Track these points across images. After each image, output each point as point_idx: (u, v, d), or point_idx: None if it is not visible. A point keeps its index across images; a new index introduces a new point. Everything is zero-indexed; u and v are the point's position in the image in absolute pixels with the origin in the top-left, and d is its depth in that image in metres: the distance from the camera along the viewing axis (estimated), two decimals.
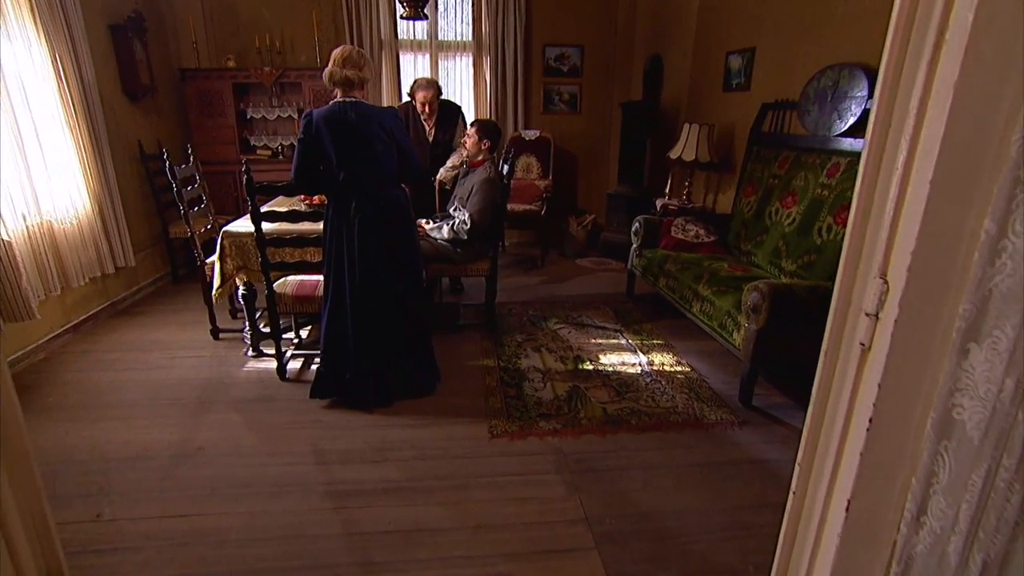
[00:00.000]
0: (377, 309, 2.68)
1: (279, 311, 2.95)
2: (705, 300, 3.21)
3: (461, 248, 3.40)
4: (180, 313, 3.98)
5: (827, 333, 1.02)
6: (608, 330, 3.79)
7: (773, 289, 2.59)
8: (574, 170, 6.07)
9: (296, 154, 2.52)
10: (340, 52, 2.48)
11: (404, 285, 2.74)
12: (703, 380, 3.10)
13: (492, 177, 3.39)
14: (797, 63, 3.67)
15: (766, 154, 3.89)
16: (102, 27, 4.02)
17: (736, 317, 2.89)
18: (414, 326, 2.83)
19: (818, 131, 3.37)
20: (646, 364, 3.30)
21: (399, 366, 2.83)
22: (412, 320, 2.81)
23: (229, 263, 3.05)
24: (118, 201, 3.94)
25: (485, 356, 3.37)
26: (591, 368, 3.24)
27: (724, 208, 4.58)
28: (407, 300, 2.76)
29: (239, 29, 5.21)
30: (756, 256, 3.62)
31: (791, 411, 2.78)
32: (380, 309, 2.68)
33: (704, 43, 4.86)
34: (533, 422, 2.68)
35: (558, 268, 5.25)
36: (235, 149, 5.21)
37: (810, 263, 3.10)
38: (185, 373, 3.11)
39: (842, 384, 0.99)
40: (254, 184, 2.62)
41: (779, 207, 3.53)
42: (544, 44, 5.62)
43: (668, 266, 3.75)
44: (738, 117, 4.41)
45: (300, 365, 3.22)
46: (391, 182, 2.64)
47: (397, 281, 2.71)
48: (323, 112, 2.46)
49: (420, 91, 3.94)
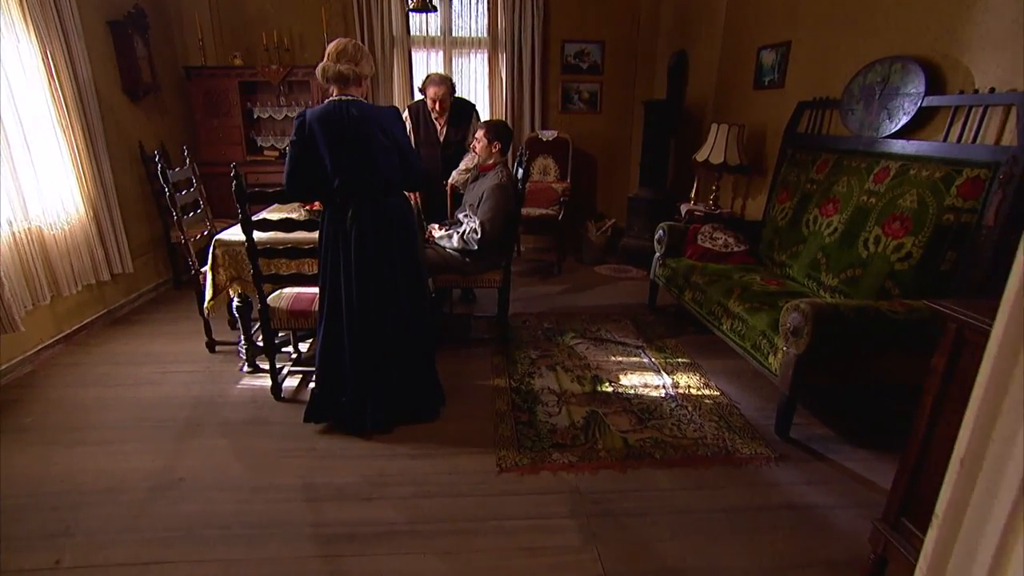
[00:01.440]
0: (376, 327, 2.45)
1: (274, 326, 2.73)
2: (736, 318, 2.93)
3: (471, 258, 3.16)
4: (178, 322, 3.80)
5: (986, 372, 0.69)
6: (629, 346, 3.52)
7: (817, 310, 2.30)
8: (593, 172, 5.80)
9: (288, 158, 2.29)
10: (335, 45, 2.25)
11: (406, 301, 2.50)
12: (733, 406, 2.82)
13: (504, 182, 3.15)
14: (839, 58, 3.37)
15: (802, 157, 3.59)
16: (100, 23, 3.86)
17: (772, 339, 2.60)
18: (417, 346, 2.60)
19: (863, 132, 3.06)
20: (670, 386, 3.03)
21: (400, 389, 2.60)
22: (415, 339, 2.58)
23: (222, 273, 2.85)
24: (115, 205, 3.77)
25: (496, 374, 3.12)
26: (610, 390, 2.98)
27: (754, 214, 4.28)
28: (409, 317, 2.53)
29: (246, 26, 5.04)
30: (792, 268, 3.32)
31: (834, 445, 2.50)
32: (380, 327, 2.46)
33: (733, 38, 4.56)
34: (546, 453, 2.43)
35: (576, 276, 4.98)
36: (241, 149, 5.03)
37: (854, 278, 2.81)
38: (175, 390, 2.92)
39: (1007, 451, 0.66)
40: (244, 190, 2.40)
41: (818, 215, 3.23)
42: (563, 40, 5.36)
43: (694, 278, 3.47)
44: (770, 117, 4.11)
45: (297, 383, 3.01)
46: (392, 188, 2.41)
47: (398, 296, 2.48)
48: (317, 112, 2.24)
49: (431, 87, 3.71)
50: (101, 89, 3.78)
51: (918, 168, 2.66)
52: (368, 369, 2.50)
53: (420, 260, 2.57)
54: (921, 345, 2.35)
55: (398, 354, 2.54)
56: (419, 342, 2.59)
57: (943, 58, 2.65)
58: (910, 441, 1.57)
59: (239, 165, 4.97)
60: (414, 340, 2.57)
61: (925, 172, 2.60)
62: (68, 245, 3.35)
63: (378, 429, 2.53)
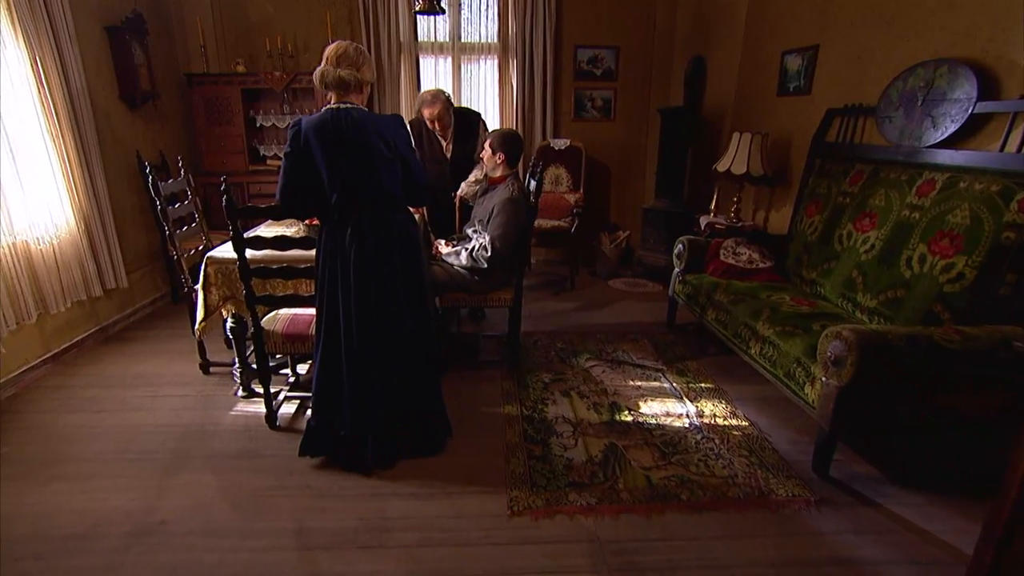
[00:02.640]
0: (377, 354, 2.25)
1: (268, 351, 2.54)
2: (767, 342, 2.71)
3: (480, 276, 2.96)
4: (173, 340, 3.62)
5: None
6: (648, 369, 3.30)
7: (862, 338, 2.08)
8: (606, 182, 5.59)
9: (281, 171, 2.11)
10: (334, 48, 2.06)
11: (410, 325, 2.30)
12: (764, 439, 2.60)
13: (515, 196, 2.95)
14: (873, 61, 3.15)
15: (833, 167, 3.37)
16: (97, 29, 3.71)
17: (809, 367, 2.38)
18: (422, 373, 2.39)
19: (904, 141, 2.84)
20: (695, 415, 2.80)
21: (403, 420, 2.39)
22: (419, 366, 2.38)
23: (214, 293, 2.67)
24: (109, 217, 3.61)
25: (507, 401, 2.91)
26: (630, 420, 2.76)
27: (778, 228, 4.06)
28: (414, 343, 2.33)
29: (249, 32, 4.90)
30: (823, 287, 3.10)
31: (881, 487, 2.26)
32: (381, 354, 2.26)
33: (755, 42, 4.35)
34: (562, 494, 2.21)
35: (589, 291, 4.77)
36: (244, 158, 4.88)
37: (896, 300, 2.58)
38: (165, 417, 2.73)
39: None
40: (235, 205, 2.22)
41: (852, 230, 3.01)
42: (576, 45, 5.17)
43: (718, 296, 3.25)
44: (796, 125, 3.90)
45: (295, 409, 2.81)
46: (395, 203, 2.21)
47: (402, 321, 2.28)
48: (313, 121, 2.05)
49: (425, 108, 3.49)
50: (96, 97, 3.63)
51: (970, 181, 2.43)
52: (368, 400, 2.30)
53: (425, 280, 2.37)
54: (980, 377, 2.13)
55: (401, 383, 2.34)
56: (424, 369, 2.39)
57: (996, 60, 2.43)
58: (1002, 496, 1.33)
59: (241, 175, 4.88)
60: (418, 367, 2.37)
61: (979, 185, 2.37)
62: (57, 260, 3.19)
63: (379, 465, 2.33)
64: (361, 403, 2.30)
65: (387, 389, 2.31)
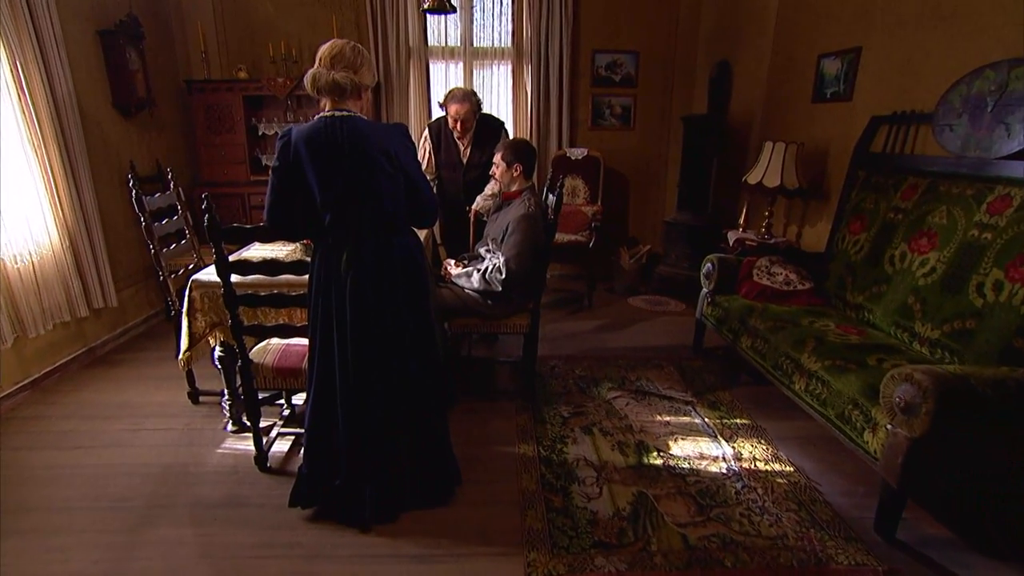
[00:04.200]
0: (377, 395, 1.98)
1: (258, 386, 2.28)
2: (814, 377, 2.41)
3: (493, 300, 2.69)
4: (163, 364, 3.37)
5: None
6: (676, 402, 3.01)
7: (940, 383, 1.78)
8: (625, 193, 5.31)
9: (269, 187, 1.85)
10: (328, 48, 1.81)
11: (414, 361, 2.03)
12: (814, 488, 2.29)
13: (532, 212, 2.68)
14: (927, 63, 2.86)
15: (880, 180, 3.07)
16: (89, 33, 3.50)
17: (868, 410, 2.07)
18: (427, 415, 2.12)
19: (968, 151, 2.54)
20: (732, 458, 2.51)
21: (406, 467, 2.12)
22: (424, 407, 2.10)
23: (200, 320, 2.42)
24: (97, 232, 3.38)
25: (522, 439, 2.63)
26: (660, 463, 2.47)
27: (812, 244, 3.76)
28: (418, 381, 2.05)
29: (252, 36, 4.69)
30: (873, 313, 2.79)
31: (960, 554, 1.94)
32: (381, 394, 1.99)
33: (786, 46, 4.07)
34: (587, 557, 1.92)
35: (608, 309, 4.48)
36: (245, 169, 4.67)
37: (964, 332, 2.27)
38: (145, 455, 2.48)
39: None
40: (218, 225, 1.97)
41: (906, 250, 2.71)
42: (593, 50, 4.91)
43: (753, 322, 2.96)
44: (834, 133, 3.61)
45: (288, 447, 2.55)
46: (397, 225, 1.94)
47: (405, 357, 2.01)
48: (304, 131, 1.79)
49: (453, 103, 3.26)
50: (87, 104, 3.42)
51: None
52: (367, 446, 2.02)
53: (433, 313, 2.09)
54: None
55: (404, 426, 2.07)
56: (429, 410, 2.11)
57: None
58: None
59: (242, 185, 4.65)
60: (423, 408, 2.09)
61: None
62: (38, 279, 2.96)
63: (379, 518, 2.05)
64: (358, 450, 2.02)
65: (388, 434, 2.04)
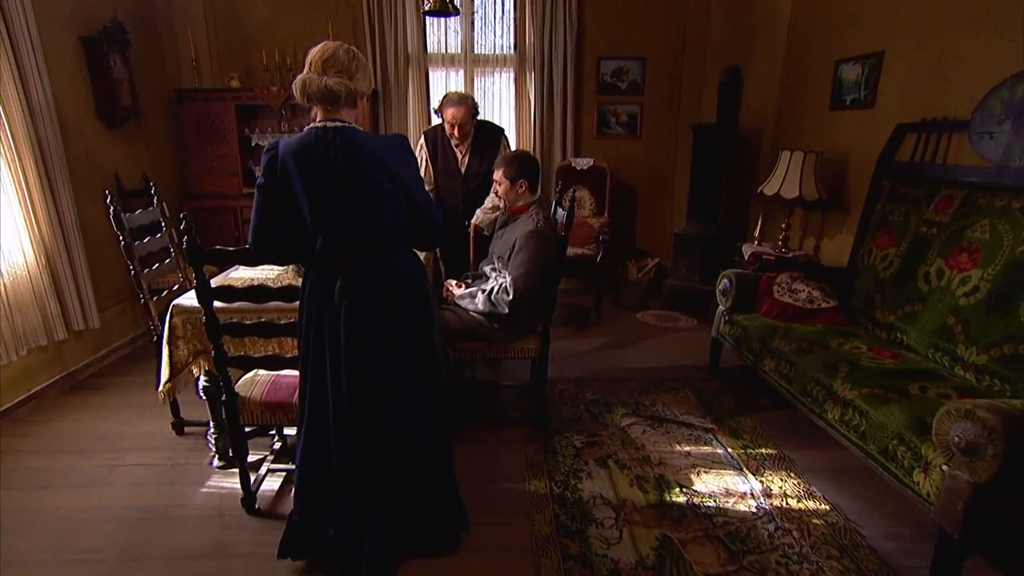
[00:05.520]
0: (375, 435, 1.78)
1: (244, 422, 2.08)
2: (850, 407, 2.21)
3: (500, 324, 2.50)
4: (147, 389, 3.14)
5: None
6: (695, 429, 2.81)
7: (1010, 422, 1.59)
8: (632, 204, 5.13)
9: (254, 206, 1.66)
10: (319, 50, 1.63)
11: (416, 396, 1.83)
12: (856, 532, 2.09)
13: (541, 228, 2.49)
14: (960, 67, 2.69)
15: (909, 192, 2.89)
16: (70, 39, 3.32)
17: (916, 447, 1.88)
18: (430, 455, 1.92)
19: (1011, 161, 2.36)
20: (761, 495, 2.31)
21: (406, 514, 1.92)
22: (426, 446, 1.90)
23: (182, 348, 2.22)
24: (78, 249, 3.19)
25: (532, 473, 2.43)
26: (683, 500, 2.27)
27: (832, 258, 3.58)
28: (420, 418, 1.85)
29: (245, 44, 4.52)
30: (907, 334, 2.60)
31: None
32: (380, 437, 1.79)
33: (800, 51, 3.92)
34: None
35: (616, 325, 4.28)
36: (238, 181, 4.49)
37: (1016, 358, 2.08)
38: (122, 495, 2.27)
39: None
40: (199, 248, 1.77)
41: (943, 267, 2.52)
42: (598, 57, 4.74)
43: (776, 343, 2.77)
44: (854, 142, 3.44)
45: (279, 484, 2.35)
46: (397, 247, 1.75)
47: (406, 391, 1.81)
48: (293, 144, 1.60)
49: (449, 107, 3.09)
50: (67, 114, 3.24)
51: None
52: (363, 491, 1.82)
53: (437, 344, 1.89)
54: None
55: (404, 469, 1.87)
56: (432, 450, 1.91)
57: None
58: None
59: (235, 198, 4.46)
60: (427, 448, 1.89)
61: None
62: (9, 302, 2.77)
63: (377, 571, 1.84)
64: (354, 495, 1.82)
65: (387, 477, 1.84)
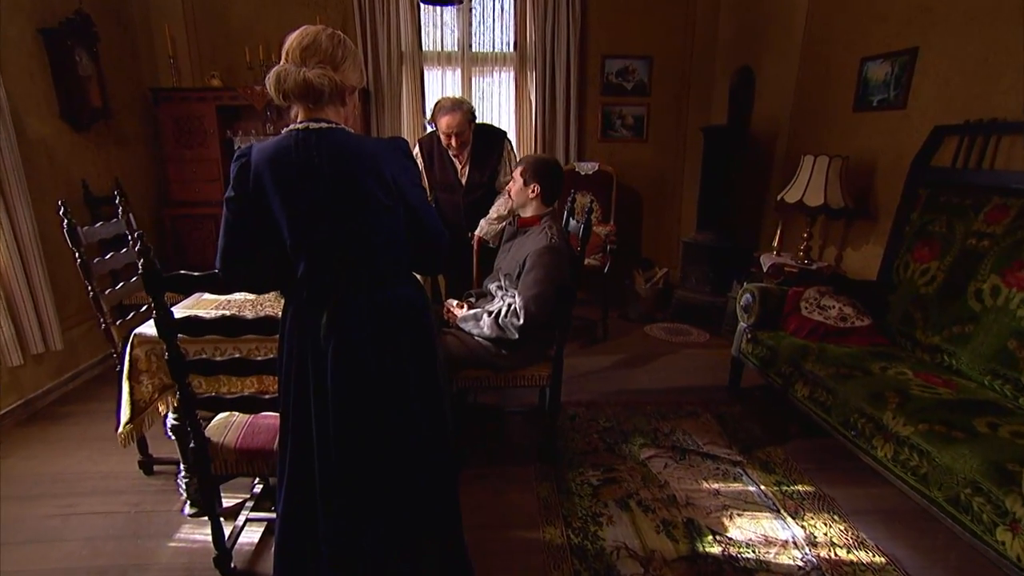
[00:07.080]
0: (368, 494, 1.50)
1: (215, 470, 1.79)
2: (906, 444, 1.96)
3: (508, 350, 2.22)
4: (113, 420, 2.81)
5: None
6: (722, 462, 2.55)
7: None
8: (638, 211, 4.89)
9: (222, 224, 1.37)
10: (297, 37, 1.32)
11: (416, 444, 1.55)
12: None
13: (555, 243, 2.21)
14: (1010, 64, 2.46)
15: (951, 200, 2.66)
16: (28, 31, 3.01)
17: (999, 500, 1.62)
18: (432, 503, 1.63)
19: None
20: (805, 543, 2.04)
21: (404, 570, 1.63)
22: (429, 496, 1.62)
23: (146, 383, 1.93)
24: (38, 266, 2.88)
25: (546, 518, 2.16)
26: (718, 551, 2.00)
27: (857, 270, 3.36)
28: (421, 466, 1.57)
29: (227, 41, 4.23)
30: (956, 358, 2.36)
31: None
32: (374, 489, 1.50)
33: (818, 49, 3.69)
34: None
35: (625, 341, 4.02)
36: (220, 187, 4.18)
37: None
38: (75, 553, 1.97)
39: None
40: (158, 272, 1.48)
41: (1000, 284, 2.28)
42: (603, 56, 4.50)
43: (810, 366, 2.52)
44: (883, 146, 3.20)
45: (260, 536, 2.06)
46: (396, 273, 1.48)
47: (406, 438, 1.53)
48: (268, 149, 1.32)
49: (443, 115, 2.79)
50: (25, 115, 2.94)
51: None
52: (354, 551, 1.54)
53: (438, 376, 1.60)
54: None
55: (401, 522, 1.58)
56: (435, 508, 1.63)
57: None
58: None
59: (216, 205, 4.13)
60: (428, 497, 1.61)
61: None
62: None
63: None
64: (343, 556, 1.54)
65: (382, 540, 1.55)
